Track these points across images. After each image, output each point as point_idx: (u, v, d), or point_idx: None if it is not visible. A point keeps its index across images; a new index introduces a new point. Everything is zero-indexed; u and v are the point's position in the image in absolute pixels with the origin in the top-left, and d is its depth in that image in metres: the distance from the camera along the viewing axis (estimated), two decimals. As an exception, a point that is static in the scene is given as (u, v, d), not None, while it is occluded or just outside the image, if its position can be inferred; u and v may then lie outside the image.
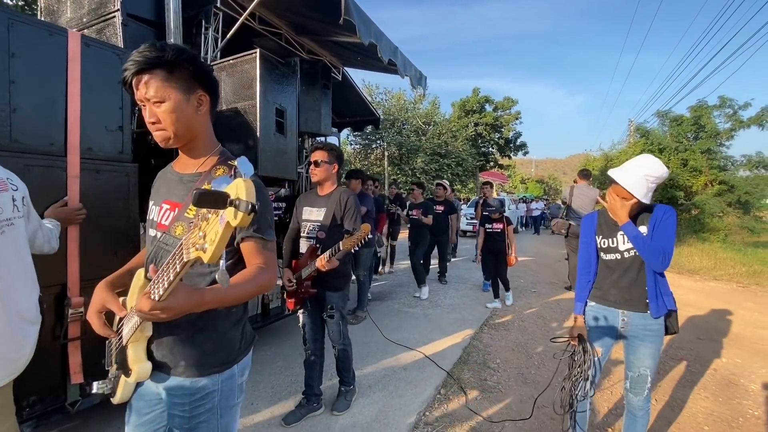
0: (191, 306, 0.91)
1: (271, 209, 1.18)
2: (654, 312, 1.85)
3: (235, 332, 1.17)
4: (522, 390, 3.02)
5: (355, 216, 2.46)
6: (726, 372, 3.42)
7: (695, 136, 14.11)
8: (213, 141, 1.21)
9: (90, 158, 2.16)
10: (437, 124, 21.37)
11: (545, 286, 6.72)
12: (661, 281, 1.89)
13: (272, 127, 3.00)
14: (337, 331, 2.56)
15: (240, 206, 0.67)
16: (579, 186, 6.15)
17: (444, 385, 3.07)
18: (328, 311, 2.50)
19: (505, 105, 29.12)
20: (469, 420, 2.61)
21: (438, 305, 5.33)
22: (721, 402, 2.92)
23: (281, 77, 3.12)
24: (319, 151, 2.48)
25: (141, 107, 1.07)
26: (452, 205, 6.49)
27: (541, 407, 2.75)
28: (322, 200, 2.51)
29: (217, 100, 1.21)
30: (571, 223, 6.12)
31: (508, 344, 3.98)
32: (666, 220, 1.84)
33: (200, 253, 0.72)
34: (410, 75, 4.20)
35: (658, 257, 1.78)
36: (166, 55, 1.01)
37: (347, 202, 2.46)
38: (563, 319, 4.84)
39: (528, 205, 20.04)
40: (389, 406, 2.74)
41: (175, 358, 1.09)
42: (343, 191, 2.51)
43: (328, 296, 2.50)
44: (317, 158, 2.46)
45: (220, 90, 1.28)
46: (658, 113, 15.62)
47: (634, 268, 1.91)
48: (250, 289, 1.03)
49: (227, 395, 1.14)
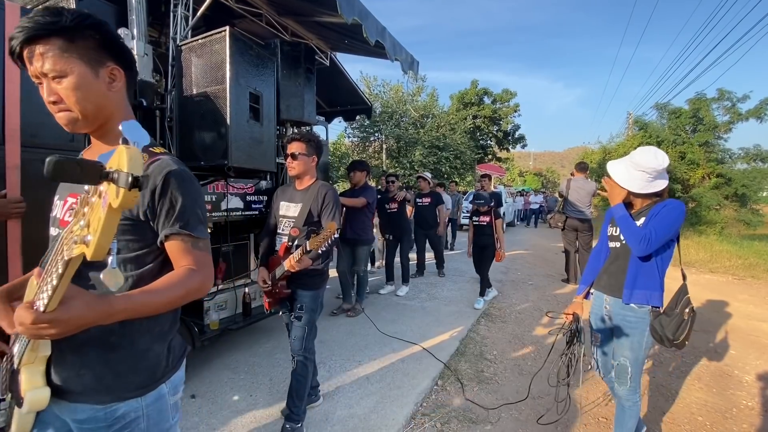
0: (95, 318, 0.73)
1: (202, 203, 1.00)
2: (625, 298, 1.86)
3: (159, 348, 0.98)
4: (518, 381, 3.05)
5: (333, 212, 2.26)
6: (720, 363, 3.46)
7: (693, 128, 14.09)
8: None
9: (33, 146, 1.93)
10: (435, 117, 21.26)
11: (542, 279, 6.75)
12: (644, 271, 1.84)
13: (246, 114, 2.75)
14: (300, 338, 2.25)
15: (119, 180, 0.53)
16: (576, 179, 6.16)
17: (441, 376, 3.10)
18: (296, 311, 2.27)
19: (504, 97, 29.00)
20: (466, 410, 2.63)
21: (435, 298, 5.37)
22: (715, 393, 2.95)
23: (257, 59, 2.85)
24: (296, 142, 2.28)
25: (38, 85, 0.88)
26: (439, 196, 6.37)
27: (537, 398, 2.79)
28: (299, 195, 2.33)
29: (134, 76, 1.03)
30: (567, 215, 6.15)
31: (504, 336, 4.00)
32: (663, 211, 1.80)
33: (83, 247, 0.57)
34: (401, 59, 3.89)
35: (640, 242, 1.75)
36: (64, 20, 0.83)
37: (325, 196, 2.27)
38: (559, 311, 4.86)
39: (526, 198, 20.04)
40: (387, 398, 2.76)
41: (83, 382, 0.89)
42: (322, 185, 2.32)
43: (299, 295, 2.28)
44: (294, 150, 2.27)
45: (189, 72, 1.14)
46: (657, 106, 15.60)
47: (624, 255, 1.92)
48: (176, 294, 0.87)
49: (156, 420, 0.96)
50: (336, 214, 2.27)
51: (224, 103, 2.60)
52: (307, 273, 2.21)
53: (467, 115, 26.37)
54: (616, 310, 1.94)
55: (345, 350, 3.55)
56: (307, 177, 2.36)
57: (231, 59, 2.61)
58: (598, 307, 2.07)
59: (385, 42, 3.55)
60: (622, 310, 1.90)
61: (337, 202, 2.30)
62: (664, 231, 1.76)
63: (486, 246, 4.96)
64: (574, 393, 2.14)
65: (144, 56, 2.55)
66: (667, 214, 1.78)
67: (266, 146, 2.97)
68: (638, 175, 1.84)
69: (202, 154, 2.70)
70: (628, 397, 1.95)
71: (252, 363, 3.26)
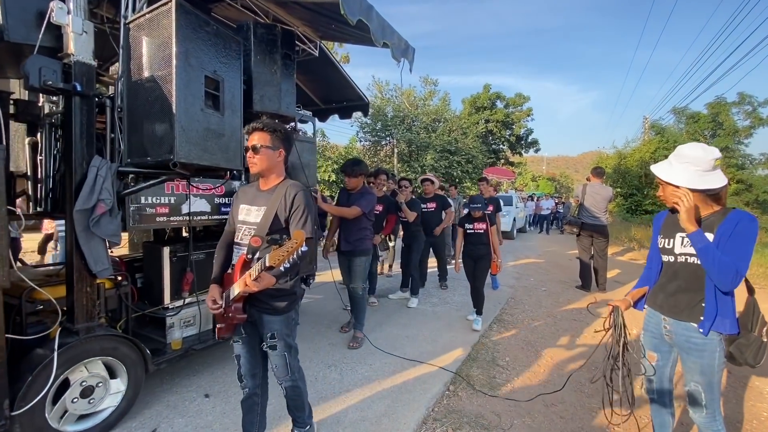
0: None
1: None
2: (704, 329, 1.66)
3: None
4: (532, 388, 3.03)
5: (304, 218, 1.89)
6: (741, 374, 3.39)
7: (712, 133, 13.89)
8: None
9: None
10: (447, 121, 21.28)
11: (555, 285, 6.67)
12: (724, 299, 1.65)
13: (199, 101, 2.35)
14: (283, 365, 2.00)
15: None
16: (592, 184, 6.10)
17: (453, 381, 3.09)
18: (269, 341, 1.95)
19: (517, 101, 28.90)
20: (478, 416, 2.63)
21: (447, 302, 5.34)
22: (735, 404, 2.90)
23: (215, 38, 2.48)
24: (258, 133, 1.91)
25: None
26: (445, 200, 6.10)
27: (550, 405, 2.74)
28: (262, 197, 1.96)
29: None
30: (583, 221, 6.10)
31: (517, 343, 3.97)
32: (743, 230, 1.57)
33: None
34: (391, 43, 3.26)
35: (728, 275, 1.54)
36: None
37: (294, 198, 1.89)
38: (573, 318, 4.82)
39: (537, 203, 19.86)
40: (398, 402, 2.76)
41: None
42: (292, 185, 1.94)
43: (266, 321, 1.93)
44: (255, 142, 1.90)
45: (139, 54, 1.04)
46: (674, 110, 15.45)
47: (683, 275, 1.74)
48: None
49: None
50: (308, 221, 1.89)
51: (171, 88, 2.23)
52: (272, 294, 1.88)
53: (479, 119, 26.35)
54: (678, 331, 1.77)
55: (356, 353, 3.56)
56: (273, 175, 1.98)
57: (178, 35, 2.21)
58: (655, 325, 1.89)
59: (371, 23, 2.98)
60: (686, 332, 1.73)
61: (309, 205, 1.94)
62: (748, 255, 1.55)
63: (481, 257, 4.36)
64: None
65: (83, 34, 2.18)
66: (746, 236, 1.57)
67: (229, 140, 2.56)
68: (684, 167, 1.66)
69: (150, 148, 2.32)
70: (707, 425, 1.76)
71: None
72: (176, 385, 2.89)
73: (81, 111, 2.16)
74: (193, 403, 2.68)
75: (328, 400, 2.77)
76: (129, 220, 2.33)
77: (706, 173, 1.64)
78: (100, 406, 2.25)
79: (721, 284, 1.59)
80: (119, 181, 2.27)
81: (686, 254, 1.73)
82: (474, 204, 4.36)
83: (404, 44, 3.46)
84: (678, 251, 1.76)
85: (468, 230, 4.41)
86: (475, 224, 4.37)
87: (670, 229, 1.82)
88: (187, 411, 2.60)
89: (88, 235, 2.08)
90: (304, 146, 3.65)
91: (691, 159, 1.65)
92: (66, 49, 2.13)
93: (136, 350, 2.39)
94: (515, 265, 8.49)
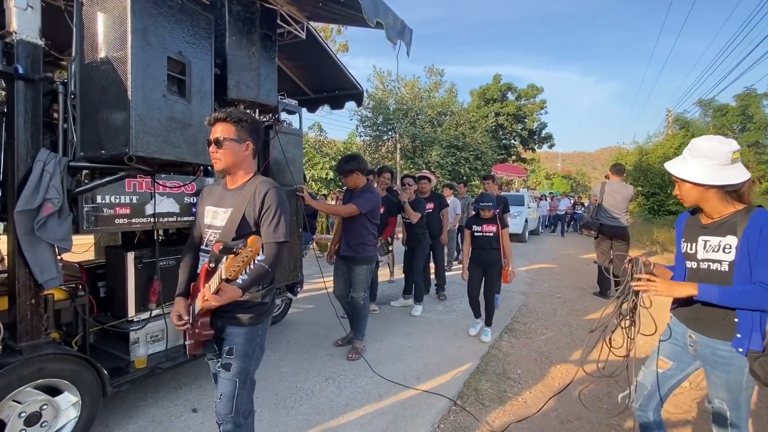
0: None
1: None
2: (742, 347, 1.58)
3: None
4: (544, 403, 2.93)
5: (276, 220, 1.73)
6: None
7: (742, 127, 13.71)
8: None
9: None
10: (454, 114, 21.15)
11: (571, 291, 6.56)
12: (757, 312, 1.58)
13: (161, 86, 2.18)
14: (228, 396, 1.74)
15: None
16: (611, 182, 5.98)
17: (460, 396, 3.04)
18: (224, 357, 1.76)
19: (529, 93, 28.76)
20: (486, 436, 2.56)
21: (453, 310, 5.26)
22: None
23: (180, 14, 2.30)
24: (220, 124, 1.75)
25: None
26: (442, 199, 5.94)
27: (566, 422, 2.68)
28: (230, 197, 1.81)
29: None
30: (601, 222, 5.95)
31: (530, 354, 3.90)
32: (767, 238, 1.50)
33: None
34: (386, 23, 3.07)
35: (764, 299, 1.49)
36: None
37: (266, 198, 1.73)
38: (590, 327, 4.64)
39: (552, 202, 19.63)
40: (401, 418, 2.72)
41: None
42: (262, 182, 1.79)
43: (228, 333, 1.77)
44: (218, 135, 1.74)
45: (93, 32, 0.98)
46: (700, 102, 15.25)
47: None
48: None
49: None
50: (280, 224, 1.74)
51: (126, 70, 2.06)
52: (240, 303, 1.73)
53: (489, 113, 26.19)
54: (704, 345, 1.70)
55: (355, 365, 3.49)
56: (241, 171, 1.83)
57: (134, 9, 2.05)
58: (680, 334, 1.82)
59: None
60: (712, 343, 1.66)
61: (283, 205, 1.78)
62: None
63: (491, 263, 4.12)
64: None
65: (27, 9, 2.03)
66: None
67: (197, 131, 2.40)
68: (699, 162, 1.62)
69: (106, 140, 2.15)
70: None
71: (257, 376, 3.21)
72: (161, 399, 2.85)
73: (25, 97, 1.99)
74: (180, 419, 2.64)
75: (324, 415, 2.73)
76: (82, 222, 2.15)
77: (725, 167, 1.59)
78: (57, 425, 2.13)
79: (762, 307, 1.53)
80: (71, 178, 2.13)
81: (709, 260, 1.66)
82: (483, 203, 4.09)
83: (400, 24, 3.26)
84: (701, 257, 1.69)
85: (476, 233, 4.14)
86: (484, 226, 4.10)
87: (693, 232, 1.75)
88: (174, 426, 2.57)
89: (33, 240, 1.93)
90: (288, 139, 3.48)
91: (707, 152, 1.60)
92: (8, 26, 1.98)
93: (90, 370, 2.20)
94: (528, 270, 8.40)
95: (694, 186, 1.63)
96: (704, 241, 1.68)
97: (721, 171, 1.58)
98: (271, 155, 3.28)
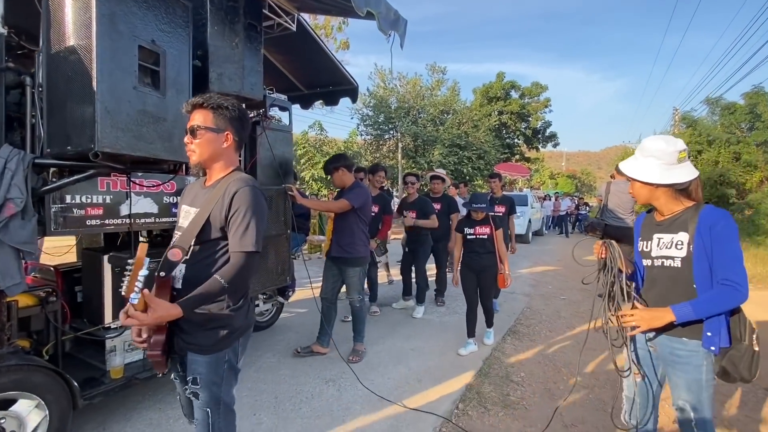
0: None
1: None
2: (707, 342, 1.59)
3: None
4: (549, 407, 2.89)
5: (245, 224, 1.47)
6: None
7: (750, 126, 13.51)
8: None
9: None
10: (457, 113, 21.00)
11: (576, 293, 6.47)
12: None
13: (132, 77, 2.04)
14: (203, 423, 1.57)
15: None
16: (617, 182, 5.81)
17: (462, 399, 3.02)
18: (190, 386, 1.54)
19: (533, 91, 28.57)
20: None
21: (456, 312, 5.18)
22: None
23: (154, 0, 2.18)
24: (198, 111, 1.55)
25: None
26: (452, 202, 5.67)
27: (570, 426, 2.67)
28: (203, 195, 1.60)
29: None
30: (606, 223, 5.80)
31: (533, 356, 3.88)
32: (722, 234, 1.55)
33: None
34: (377, 13, 2.92)
35: (732, 299, 1.52)
36: None
37: (234, 198, 1.49)
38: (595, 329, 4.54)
39: (556, 202, 19.43)
40: (402, 421, 2.72)
41: None
42: (235, 180, 1.54)
43: (190, 361, 1.54)
44: (194, 122, 1.54)
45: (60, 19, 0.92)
46: (708, 100, 15.07)
47: (661, 281, 1.72)
48: None
49: None
50: (248, 230, 1.47)
51: (92, 60, 1.92)
52: (199, 323, 1.50)
53: (492, 111, 26.02)
54: (662, 344, 1.74)
55: (356, 367, 3.45)
56: (217, 165, 1.61)
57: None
58: (640, 338, 1.86)
59: None
60: (669, 342, 1.69)
61: (255, 207, 1.51)
62: (739, 259, 1.54)
63: (485, 268, 3.87)
64: None
65: None
66: (728, 238, 1.55)
67: (172, 126, 2.25)
68: (648, 162, 1.69)
69: (74, 135, 2.02)
70: None
71: (255, 379, 3.24)
72: (160, 402, 2.82)
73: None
74: (178, 422, 2.59)
75: (324, 418, 2.72)
76: (50, 223, 2.01)
77: (672, 167, 1.65)
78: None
79: (735, 305, 1.57)
80: (36, 176, 2.00)
81: (663, 257, 1.70)
82: (475, 204, 3.82)
83: (394, 14, 3.11)
84: (655, 254, 1.73)
85: (468, 236, 3.89)
86: (476, 228, 3.86)
87: (648, 230, 1.80)
88: (172, 430, 2.54)
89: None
90: (277, 136, 3.34)
91: (654, 152, 1.67)
92: (-34, 13, 1.85)
93: (59, 381, 2.06)
94: (531, 271, 8.33)
95: (644, 185, 1.70)
96: (658, 238, 1.73)
97: (668, 170, 1.64)
98: (259, 153, 3.14)
